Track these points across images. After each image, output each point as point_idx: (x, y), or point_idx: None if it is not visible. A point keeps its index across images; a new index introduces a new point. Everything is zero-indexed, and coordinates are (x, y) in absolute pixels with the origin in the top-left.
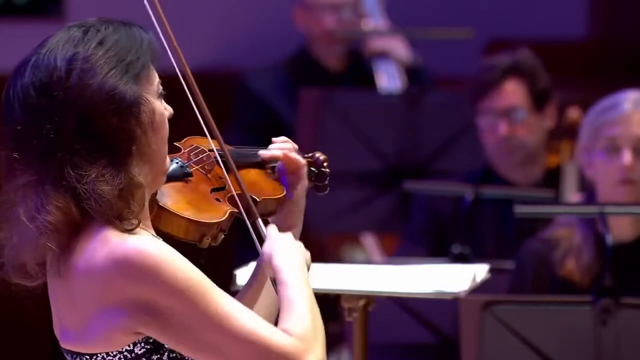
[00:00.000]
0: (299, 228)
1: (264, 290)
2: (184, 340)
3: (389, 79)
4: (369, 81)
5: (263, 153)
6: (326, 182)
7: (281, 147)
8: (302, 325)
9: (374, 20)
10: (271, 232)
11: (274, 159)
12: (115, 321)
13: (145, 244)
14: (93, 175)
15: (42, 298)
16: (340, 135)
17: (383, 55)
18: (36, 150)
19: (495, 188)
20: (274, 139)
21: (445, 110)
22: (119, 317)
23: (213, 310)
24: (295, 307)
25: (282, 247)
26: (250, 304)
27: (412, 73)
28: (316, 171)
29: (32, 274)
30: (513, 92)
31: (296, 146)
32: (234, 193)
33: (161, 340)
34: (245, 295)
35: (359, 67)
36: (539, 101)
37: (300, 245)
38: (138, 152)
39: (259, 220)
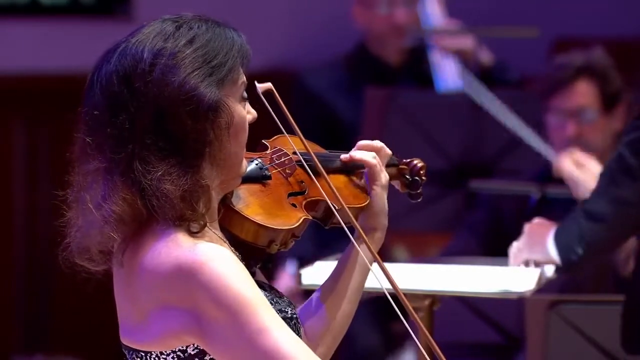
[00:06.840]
0: (383, 230)
1: (346, 297)
2: (224, 353)
3: (451, 78)
4: (428, 78)
5: (344, 157)
6: (419, 191)
7: (363, 150)
8: None
9: (434, 18)
10: None
11: (353, 162)
12: (170, 324)
13: (212, 255)
14: (159, 173)
15: (105, 284)
16: (406, 134)
17: (457, 53)
18: (109, 138)
19: (561, 187)
20: (358, 143)
21: (510, 109)
22: (173, 321)
23: (255, 329)
24: None
25: None
26: (333, 308)
27: (494, 72)
28: (410, 179)
29: (94, 259)
30: (584, 93)
31: (388, 150)
32: (318, 199)
33: (204, 348)
34: (327, 298)
35: (418, 63)
36: (609, 103)
37: None
38: (210, 155)
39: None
